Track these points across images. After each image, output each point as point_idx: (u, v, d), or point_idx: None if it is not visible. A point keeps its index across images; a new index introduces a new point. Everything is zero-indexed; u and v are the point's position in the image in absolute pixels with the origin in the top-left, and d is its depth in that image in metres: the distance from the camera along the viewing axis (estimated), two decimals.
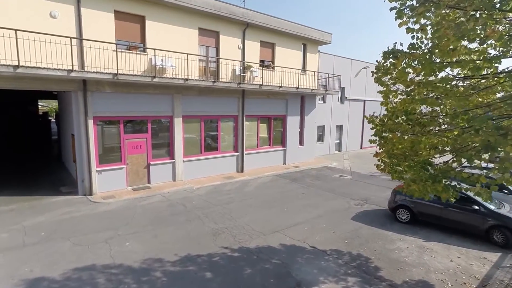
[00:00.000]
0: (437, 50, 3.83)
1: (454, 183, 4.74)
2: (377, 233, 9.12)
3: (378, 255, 7.76)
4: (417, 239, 8.79)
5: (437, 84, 3.91)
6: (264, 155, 17.48)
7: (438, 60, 3.98)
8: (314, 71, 18.59)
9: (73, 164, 12.84)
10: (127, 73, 11.24)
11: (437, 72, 4.02)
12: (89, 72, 10.21)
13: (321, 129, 22.99)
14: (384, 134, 5.81)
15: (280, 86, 16.01)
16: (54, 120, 34.34)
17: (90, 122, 11.35)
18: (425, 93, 4.30)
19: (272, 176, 16.14)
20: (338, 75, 19.51)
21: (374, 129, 5.89)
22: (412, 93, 4.23)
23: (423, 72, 4.02)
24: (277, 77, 16.69)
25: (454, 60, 3.89)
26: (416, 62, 4.10)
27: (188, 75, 12.52)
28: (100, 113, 11.62)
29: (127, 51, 11.81)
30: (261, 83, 15.48)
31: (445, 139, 4.57)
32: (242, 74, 15.13)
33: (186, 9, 12.98)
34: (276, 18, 16.11)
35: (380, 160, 5.99)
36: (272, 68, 16.91)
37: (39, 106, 36.48)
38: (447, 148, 4.89)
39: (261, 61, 16.42)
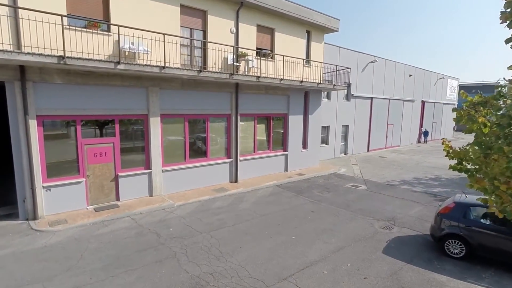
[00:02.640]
0: None
1: None
2: (426, 278, 6.45)
3: None
4: None
5: None
6: (263, 162, 14.76)
7: None
8: (321, 62, 15.91)
9: None
10: (84, 57, 8.40)
11: None
12: (21, 53, 7.36)
13: (325, 130, 20.37)
14: (492, 144, 3.12)
15: (282, 79, 13.30)
16: None
17: (33, 123, 8.51)
18: None
19: (273, 187, 13.42)
20: (348, 68, 16.88)
21: (476, 135, 3.17)
22: None
23: None
24: (277, 69, 13.99)
25: None
26: None
27: (165, 62, 9.73)
28: (47, 110, 8.79)
29: (85, 29, 9.00)
30: (258, 75, 12.75)
31: None
32: (235, 64, 12.39)
33: None
34: None
35: (483, 188, 3.28)
36: (271, 57, 14.20)
37: None
38: None
39: (258, 49, 13.70)
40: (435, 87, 33.50)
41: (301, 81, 14.16)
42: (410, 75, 28.38)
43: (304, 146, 16.87)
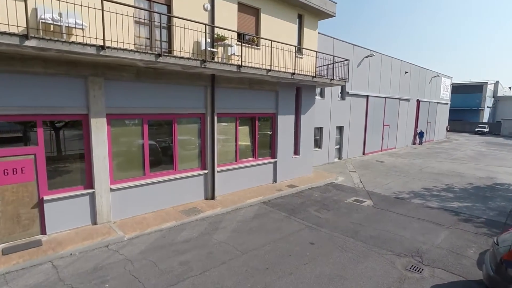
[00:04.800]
0: None
1: None
2: None
3: None
4: None
5: None
6: (246, 172, 12.08)
7: None
8: (316, 51, 13.39)
9: None
10: None
11: None
12: None
13: (318, 131, 17.94)
14: None
15: (269, 70, 10.67)
16: None
17: None
18: None
19: (259, 204, 10.76)
20: (346, 59, 14.43)
21: None
22: None
23: None
24: (264, 58, 11.38)
25: None
26: None
27: (104, 40, 6.87)
28: None
29: None
30: (239, 64, 10.06)
31: None
32: (210, 49, 9.68)
33: None
34: None
35: None
36: (256, 44, 11.56)
37: None
38: None
39: (240, 34, 11.02)
40: (430, 85, 31.79)
41: (293, 73, 11.57)
42: (406, 72, 26.42)
43: (296, 151, 14.33)
